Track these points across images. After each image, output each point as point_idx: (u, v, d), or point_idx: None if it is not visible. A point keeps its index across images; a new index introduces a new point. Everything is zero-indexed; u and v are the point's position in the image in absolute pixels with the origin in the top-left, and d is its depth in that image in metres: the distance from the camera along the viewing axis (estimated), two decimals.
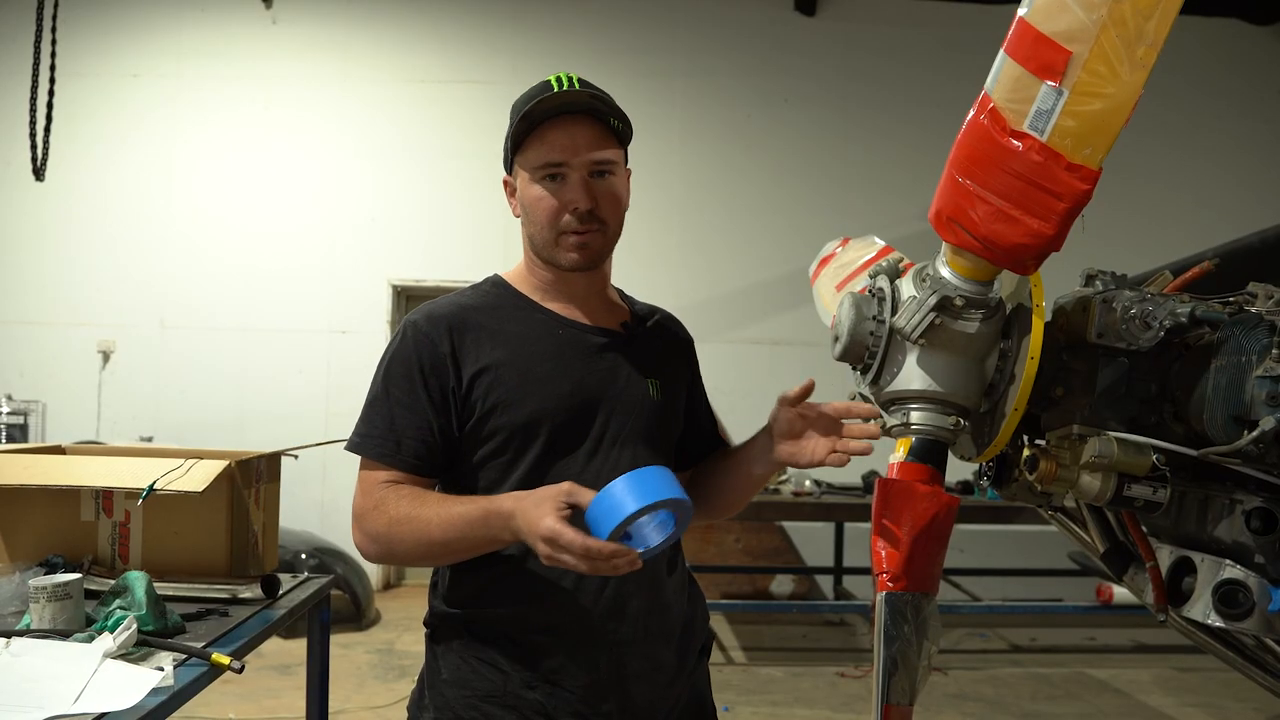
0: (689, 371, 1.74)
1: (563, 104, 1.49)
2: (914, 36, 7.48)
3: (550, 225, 1.51)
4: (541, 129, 1.50)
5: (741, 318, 7.14)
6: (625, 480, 1.24)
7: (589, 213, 1.50)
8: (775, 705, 4.69)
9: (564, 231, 1.51)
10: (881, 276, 1.38)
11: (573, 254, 1.52)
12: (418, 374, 1.49)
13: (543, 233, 1.53)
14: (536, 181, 1.51)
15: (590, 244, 1.52)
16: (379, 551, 1.48)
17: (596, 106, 1.50)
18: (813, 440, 1.51)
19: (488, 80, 7.14)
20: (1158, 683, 5.25)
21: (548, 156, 1.49)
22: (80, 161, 6.89)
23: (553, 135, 1.49)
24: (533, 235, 1.56)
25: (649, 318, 1.71)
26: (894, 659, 1.26)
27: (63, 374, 6.97)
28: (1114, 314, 1.24)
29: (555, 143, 1.49)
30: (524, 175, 1.54)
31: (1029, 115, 1.09)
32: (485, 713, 1.47)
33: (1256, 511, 1.24)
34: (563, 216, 1.50)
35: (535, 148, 1.51)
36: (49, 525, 2.25)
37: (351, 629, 5.79)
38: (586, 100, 1.49)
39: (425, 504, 1.44)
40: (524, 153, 1.53)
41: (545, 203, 1.51)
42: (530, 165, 1.52)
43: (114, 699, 1.47)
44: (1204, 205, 7.35)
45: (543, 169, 1.50)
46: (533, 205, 1.52)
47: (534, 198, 1.52)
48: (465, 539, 1.41)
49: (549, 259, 1.55)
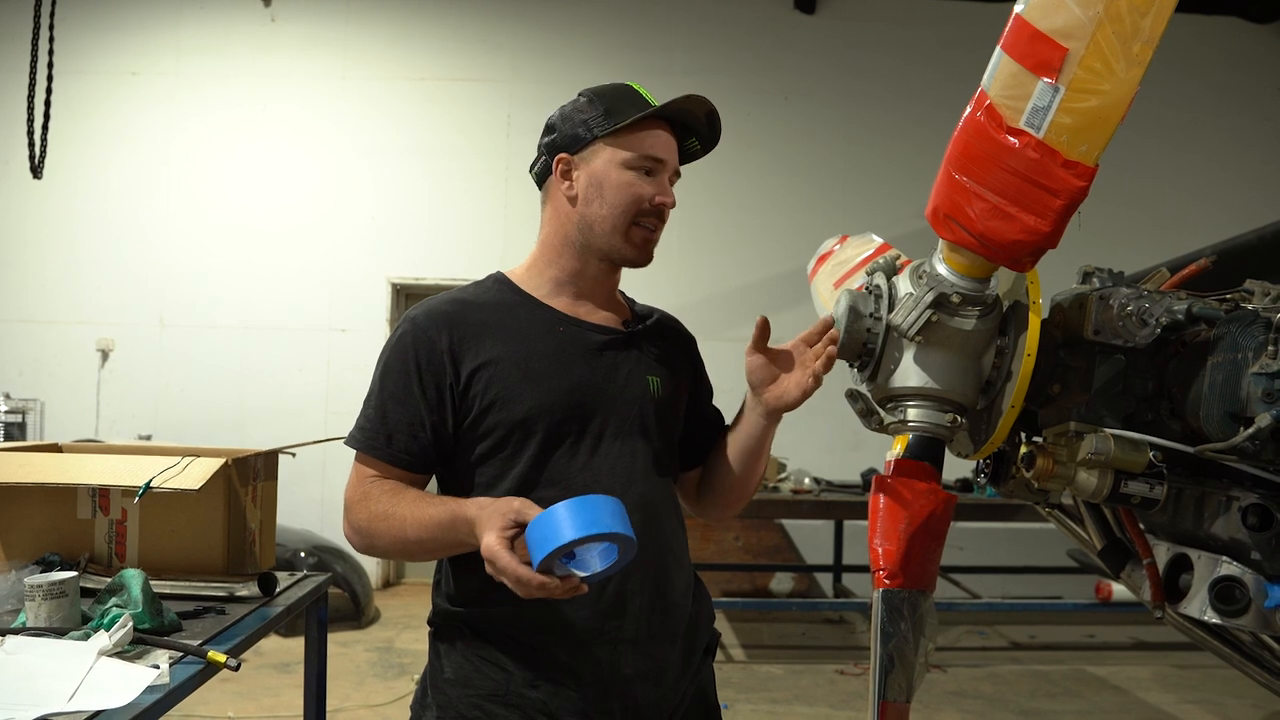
0: (692, 369, 1.74)
1: (688, 108, 1.58)
2: (913, 34, 7.48)
3: (628, 212, 1.53)
4: (651, 124, 1.55)
5: (740, 315, 7.13)
6: (567, 506, 1.21)
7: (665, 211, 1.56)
8: (775, 703, 4.69)
9: (638, 223, 1.54)
10: (879, 274, 1.38)
11: (637, 248, 1.56)
12: (414, 370, 1.50)
13: (614, 216, 1.53)
14: (629, 169, 1.53)
15: (653, 242, 1.58)
16: (361, 543, 1.53)
17: (701, 130, 1.62)
18: (787, 377, 1.52)
19: (487, 78, 7.13)
20: (1157, 680, 5.25)
21: (653, 151, 1.54)
22: (79, 159, 6.89)
23: (662, 133, 1.56)
24: (595, 217, 1.54)
25: (649, 317, 1.72)
26: (891, 656, 1.26)
27: (61, 372, 6.97)
28: (1111, 311, 1.24)
29: (663, 140, 1.56)
30: (616, 160, 1.53)
31: (1025, 112, 1.08)
32: (488, 712, 1.46)
33: (1253, 508, 1.24)
34: (643, 206, 1.53)
35: (642, 138, 1.54)
36: (45, 523, 2.25)
37: (351, 627, 5.79)
38: (704, 118, 1.60)
39: (403, 502, 1.46)
40: (621, 138, 1.53)
41: (635, 189, 1.53)
42: (629, 151, 1.53)
43: (109, 697, 1.47)
44: (1202, 203, 7.35)
45: (645, 159, 1.54)
46: (620, 188, 1.53)
47: (623, 182, 1.53)
48: (436, 540, 1.43)
49: (604, 246, 1.55)
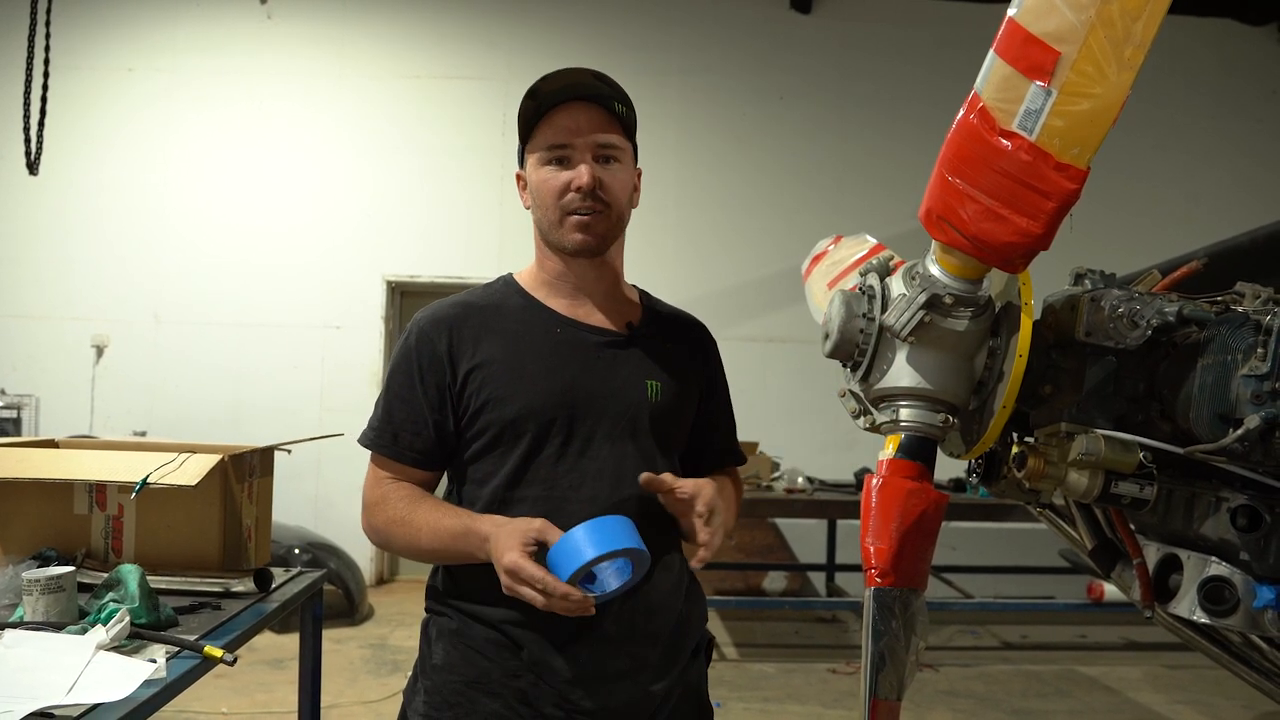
0: (704, 380, 1.73)
1: (567, 84, 1.54)
2: (909, 35, 7.49)
3: (554, 205, 1.55)
4: (549, 115, 1.55)
5: (735, 315, 7.15)
6: (585, 529, 1.34)
7: (591, 192, 1.53)
8: (767, 701, 4.71)
9: (567, 211, 1.54)
10: (872, 274, 1.38)
11: (576, 234, 1.55)
12: (416, 371, 1.56)
13: (548, 214, 1.56)
14: (543, 165, 1.56)
15: (593, 225, 1.55)
16: (379, 542, 1.61)
17: (600, 89, 1.55)
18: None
19: (483, 76, 7.14)
20: (1148, 680, 5.27)
21: (553, 139, 1.54)
22: (74, 155, 6.88)
23: (559, 119, 1.54)
24: (540, 219, 1.60)
25: (667, 321, 1.72)
26: (882, 654, 1.26)
27: (56, 368, 6.96)
28: (1102, 313, 1.25)
29: (560, 125, 1.54)
30: (532, 161, 1.58)
31: (1018, 115, 1.09)
32: (471, 699, 1.51)
33: (1242, 509, 1.25)
34: (566, 195, 1.54)
35: (542, 132, 1.56)
36: (42, 519, 2.25)
37: (345, 624, 5.79)
38: (590, 80, 1.55)
39: (419, 510, 1.53)
40: (533, 139, 1.58)
41: (550, 182, 1.55)
42: (537, 149, 1.57)
43: (106, 690, 1.48)
44: (1195, 205, 7.37)
45: (549, 151, 1.55)
46: (539, 187, 1.57)
47: (540, 180, 1.56)
48: (448, 550, 1.50)
49: (555, 242, 1.59)
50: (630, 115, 1.60)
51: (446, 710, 1.52)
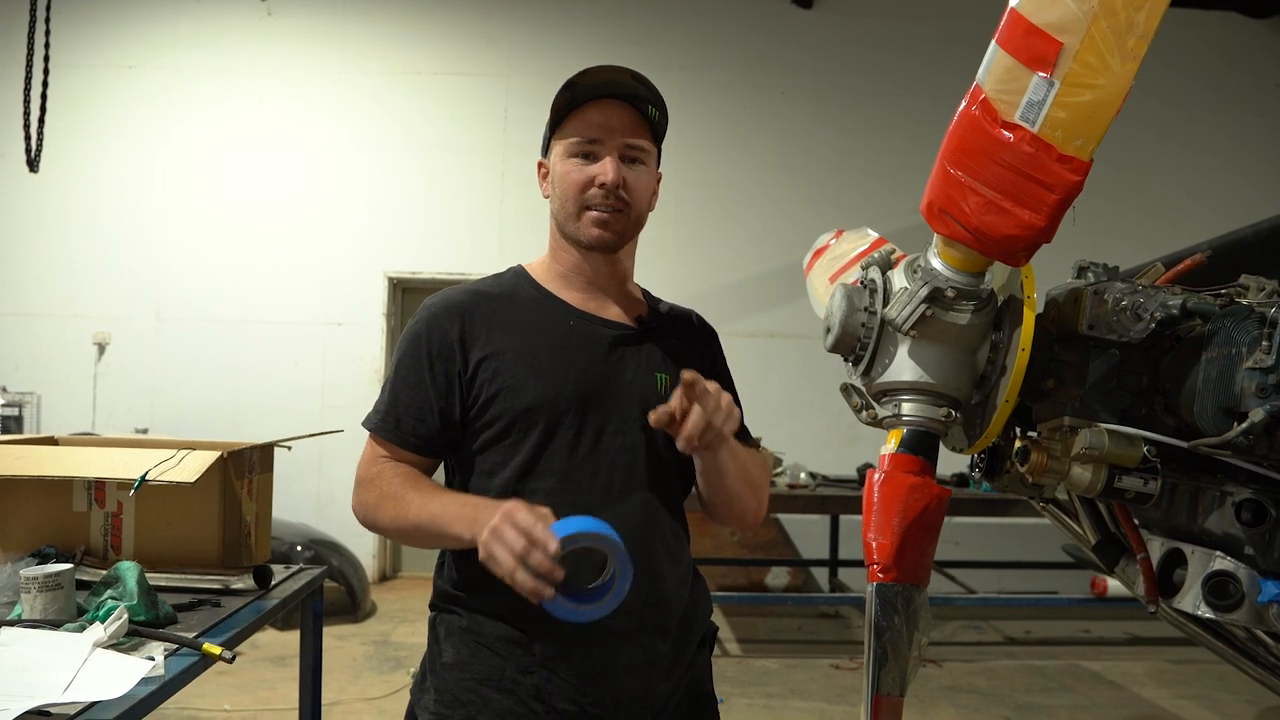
0: (708, 364, 1.72)
1: (606, 81, 1.54)
2: (910, 29, 7.47)
3: (576, 198, 1.55)
4: (582, 109, 1.55)
5: (737, 310, 7.13)
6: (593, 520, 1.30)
7: (615, 190, 1.53)
8: (770, 697, 4.70)
9: (588, 206, 1.54)
10: (873, 268, 1.38)
11: (594, 230, 1.55)
12: (424, 356, 1.55)
13: (567, 206, 1.56)
14: (570, 157, 1.56)
15: (612, 223, 1.55)
16: (365, 518, 1.56)
17: (637, 91, 1.55)
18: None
19: (484, 73, 7.12)
20: (1151, 675, 5.26)
21: (584, 133, 1.54)
22: (75, 153, 6.87)
23: (591, 114, 1.54)
24: (558, 210, 1.59)
25: (671, 316, 1.73)
26: (884, 650, 1.26)
27: (58, 366, 6.96)
28: (1105, 306, 1.24)
29: (593, 121, 1.54)
30: (558, 151, 1.58)
31: (1020, 106, 1.08)
32: (483, 696, 1.50)
33: (1246, 503, 1.24)
34: (589, 190, 1.54)
35: (573, 124, 1.56)
36: (41, 516, 2.25)
37: (347, 621, 5.79)
38: (628, 81, 1.55)
39: (413, 489, 1.50)
40: (562, 130, 1.58)
41: (574, 175, 1.55)
42: (566, 141, 1.56)
43: (104, 688, 1.47)
44: (1198, 198, 7.35)
45: (578, 144, 1.55)
46: (562, 179, 1.56)
47: (564, 171, 1.56)
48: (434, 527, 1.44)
49: (571, 235, 1.58)
50: (662, 121, 1.60)
51: (458, 709, 1.51)
